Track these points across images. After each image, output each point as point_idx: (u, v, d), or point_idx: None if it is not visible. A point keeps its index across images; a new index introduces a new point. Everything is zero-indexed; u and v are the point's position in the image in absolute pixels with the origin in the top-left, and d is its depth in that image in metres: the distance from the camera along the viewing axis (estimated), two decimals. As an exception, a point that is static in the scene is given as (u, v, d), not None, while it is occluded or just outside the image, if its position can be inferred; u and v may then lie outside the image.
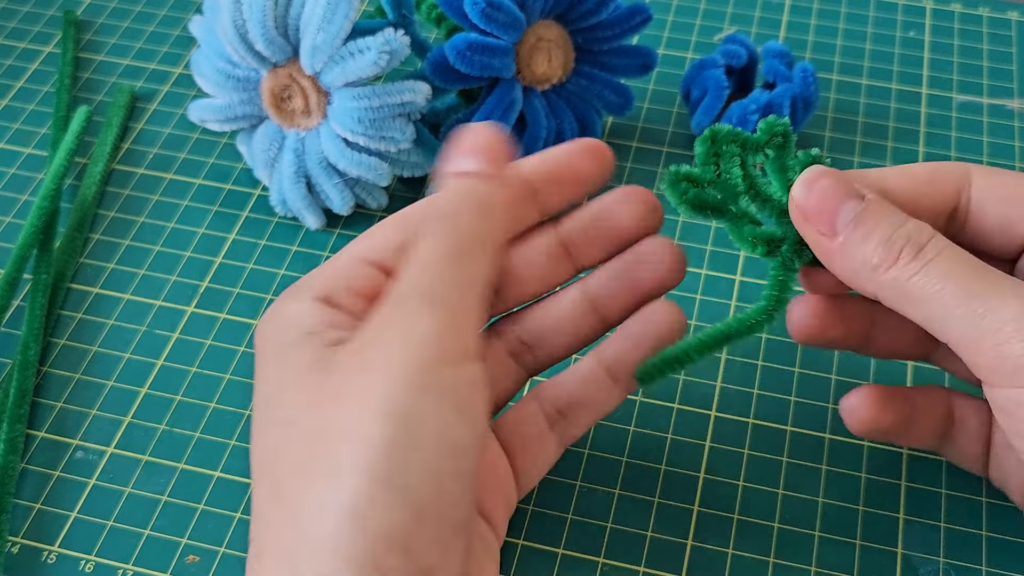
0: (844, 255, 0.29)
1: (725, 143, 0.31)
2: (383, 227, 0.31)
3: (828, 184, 0.30)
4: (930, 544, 0.35)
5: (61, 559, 0.35)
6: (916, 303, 0.28)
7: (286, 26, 0.40)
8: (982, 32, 0.53)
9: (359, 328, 0.28)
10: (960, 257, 0.29)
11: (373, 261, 0.30)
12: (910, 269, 0.28)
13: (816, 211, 0.30)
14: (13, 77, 0.51)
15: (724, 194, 0.31)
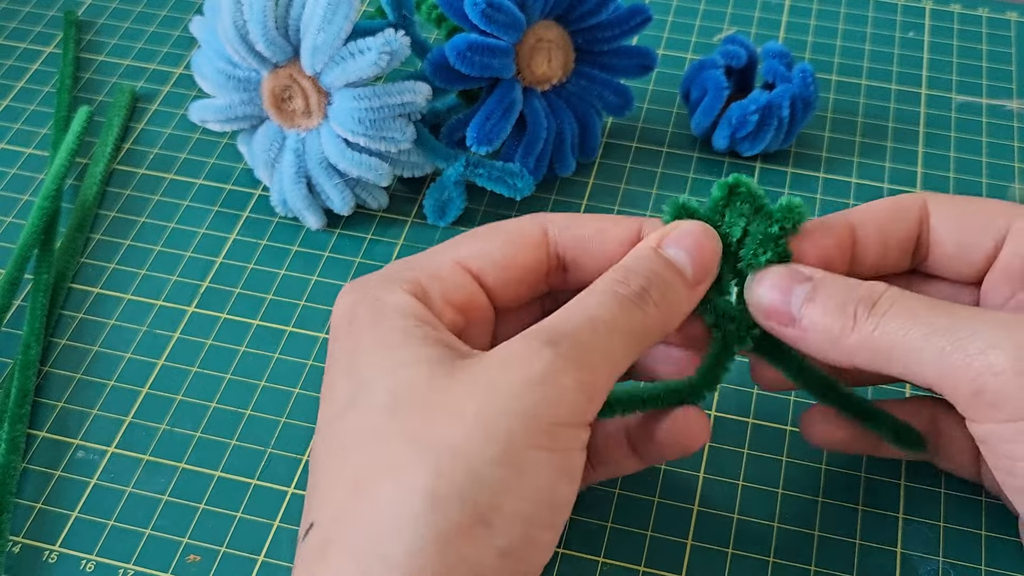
0: (808, 336, 0.30)
1: (743, 200, 0.31)
2: (491, 236, 0.31)
3: (774, 277, 0.30)
4: (930, 544, 0.35)
5: (62, 559, 0.35)
6: (887, 356, 0.29)
7: (286, 26, 0.40)
8: (981, 32, 0.53)
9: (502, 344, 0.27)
10: (918, 300, 0.29)
11: (473, 270, 0.30)
12: (870, 325, 0.29)
13: (770, 305, 0.30)
14: (14, 77, 0.51)
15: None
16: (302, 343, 0.41)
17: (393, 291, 0.29)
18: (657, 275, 0.29)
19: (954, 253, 0.32)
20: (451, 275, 0.30)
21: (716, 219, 0.31)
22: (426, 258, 0.31)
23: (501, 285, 0.31)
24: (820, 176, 0.46)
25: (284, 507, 0.36)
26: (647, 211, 0.45)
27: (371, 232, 0.44)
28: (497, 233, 0.32)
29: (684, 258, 0.30)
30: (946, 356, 0.27)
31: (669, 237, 0.30)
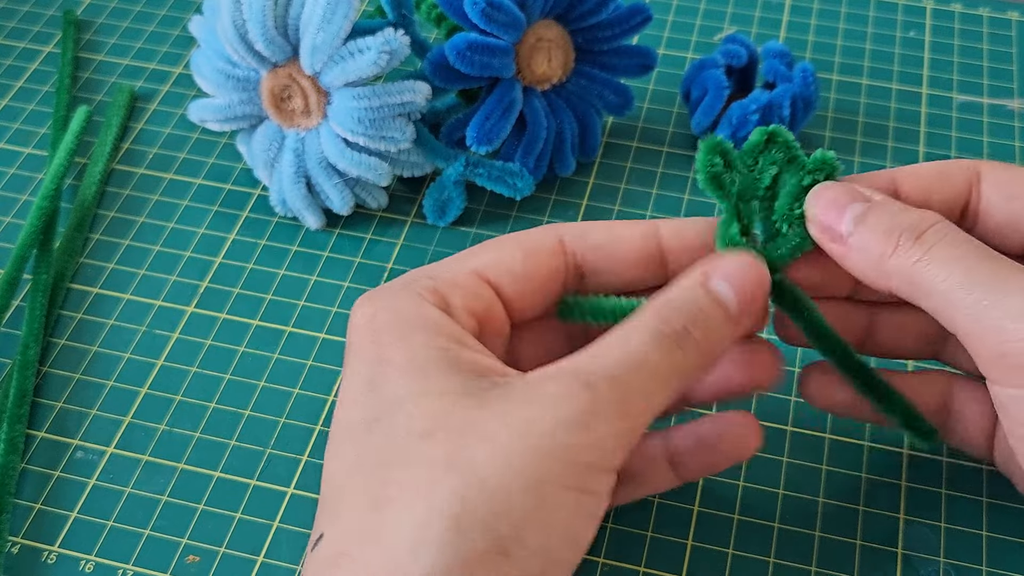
0: (853, 253, 0.29)
1: (778, 148, 0.31)
2: (509, 246, 0.31)
3: (835, 193, 0.30)
4: (930, 544, 0.35)
5: (61, 559, 0.35)
6: (923, 292, 0.28)
7: (286, 26, 0.40)
8: (982, 32, 0.53)
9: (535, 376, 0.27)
10: (966, 244, 0.28)
11: (491, 281, 0.30)
12: (912, 256, 0.28)
13: (824, 220, 0.30)
14: (13, 77, 0.51)
15: (742, 187, 0.31)
16: (301, 343, 0.41)
17: (419, 303, 0.29)
18: (701, 312, 0.28)
19: (1002, 224, 0.31)
20: (469, 284, 0.30)
21: (750, 163, 0.31)
22: (444, 267, 0.31)
23: (518, 296, 0.31)
24: (820, 176, 0.46)
25: (284, 508, 0.36)
26: (647, 211, 0.45)
27: (371, 232, 0.44)
28: (513, 243, 0.31)
29: (729, 293, 0.29)
30: (980, 311, 0.27)
31: (717, 270, 0.29)
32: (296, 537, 0.35)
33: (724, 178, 0.31)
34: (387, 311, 0.29)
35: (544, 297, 0.31)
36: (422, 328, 0.28)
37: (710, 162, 0.31)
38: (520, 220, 0.45)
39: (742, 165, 0.31)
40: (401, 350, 0.28)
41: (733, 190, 0.31)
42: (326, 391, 0.39)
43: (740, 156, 0.32)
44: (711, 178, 0.31)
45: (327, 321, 0.41)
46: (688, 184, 0.46)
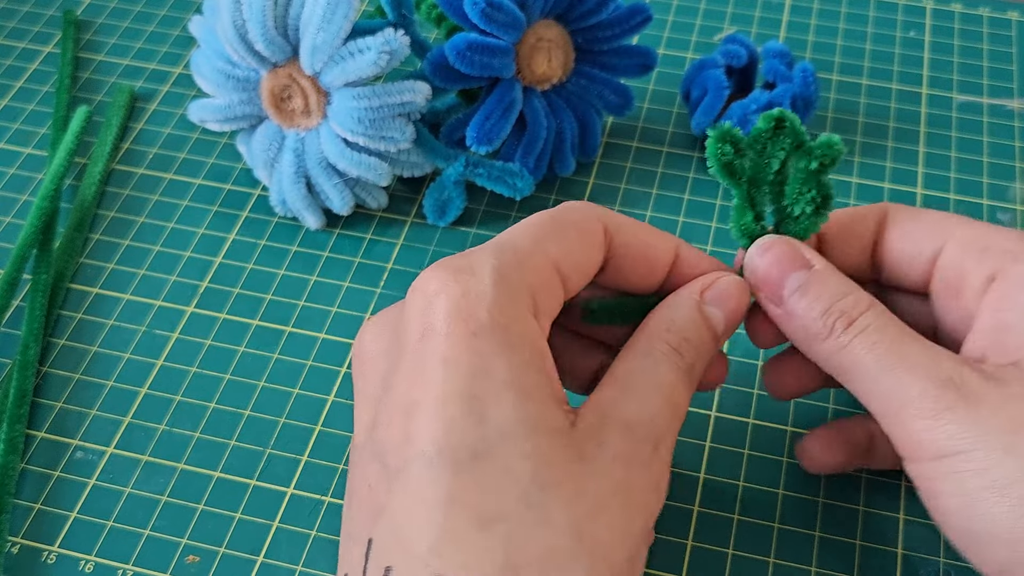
0: (789, 323, 0.31)
1: (785, 133, 0.31)
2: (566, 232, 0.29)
3: (778, 253, 0.31)
4: (930, 544, 0.35)
5: (61, 559, 0.35)
6: (846, 375, 0.30)
7: (286, 26, 0.40)
8: (982, 32, 0.53)
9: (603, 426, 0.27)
10: (887, 330, 0.30)
11: (562, 274, 0.29)
12: (840, 342, 0.30)
13: (764, 279, 0.31)
14: (13, 77, 0.51)
15: (754, 173, 0.32)
16: (301, 343, 0.41)
17: (516, 304, 0.26)
18: (702, 343, 0.30)
19: (903, 264, 0.33)
20: (552, 282, 0.28)
21: (757, 148, 0.32)
22: (529, 256, 0.28)
23: (574, 289, 0.30)
24: (820, 176, 0.46)
25: (283, 508, 0.36)
26: (647, 211, 0.45)
27: (371, 232, 0.44)
28: (572, 229, 0.29)
29: (720, 318, 0.31)
30: (888, 395, 0.29)
31: (712, 294, 0.31)
32: (296, 537, 0.35)
33: (735, 165, 0.32)
34: (487, 311, 0.26)
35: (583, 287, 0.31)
36: (523, 344, 0.26)
37: (720, 150, 0.31)
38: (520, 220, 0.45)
39: (751, 152, 0.32)
40: (504, 367, 0.25)
41: (744, 176, 0.32)
42: (326, 391, 0.39)
43: (749, 143, 0.32)
44: (723, 166, 0.32)
45: (327, 321, 0.41)
46: (688, 184, 0.46)
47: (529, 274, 0.27)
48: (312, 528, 0.35)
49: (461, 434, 0.25)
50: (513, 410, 0.25)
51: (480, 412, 0.25)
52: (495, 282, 0.26)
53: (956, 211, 0.45)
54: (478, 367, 0.25)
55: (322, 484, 0.36)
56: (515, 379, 0.25)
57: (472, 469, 0.24)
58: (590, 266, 0.30)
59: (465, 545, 0.24)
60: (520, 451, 0.25)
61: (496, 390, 0.25)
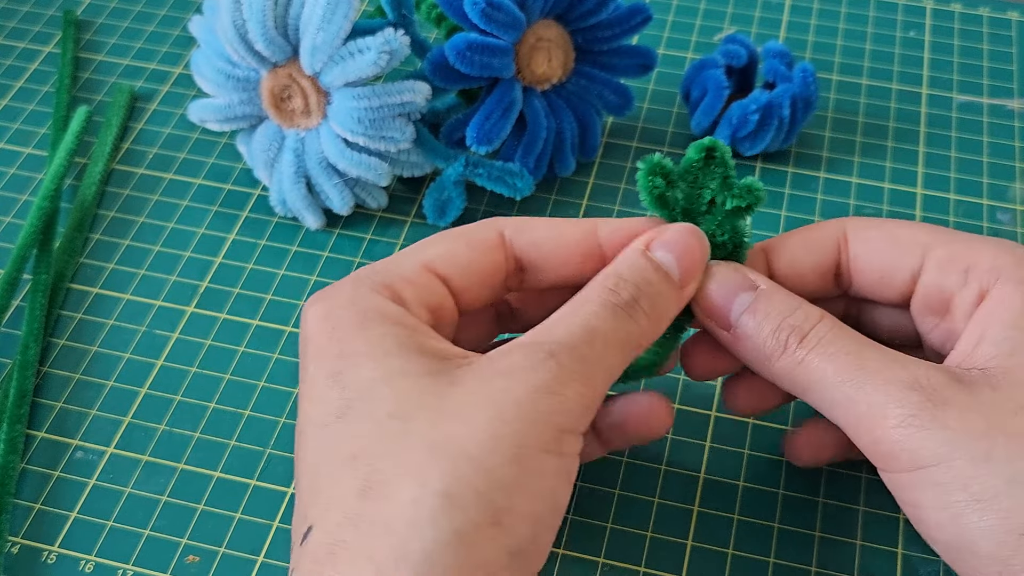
0: (740, 346, 0.30)
1: (717, 164, 0.31)
2: (452, 239, 0.31)
3: (721, 277, 0.31)
4: (930, 544, 0.35)
5: (61, 559, 0.35)
6: (805, 390, 0.30)
7: (286, 26, 0.40)
8: (982, 32, 0.53)
9: (497, 353, 0.28)
10: (843, 340, 0.29)
11: (440, 273, 0.31)
12: (796, 358, 0.29)
13: (712, 305, 0.31)
14: (13, 77, 0.51)
15: (687, 204, 0.32)
16: (301, 343, 0.41)
17: (373, 297, 0.29)
18: (648, 283, 0.29)
19: (875, 281, 0.32)
20: (421, 278, 0.30)
21: (688, 179, 0.31)
22: (393, 263, 0.31)
23: (465, 288, 0.31)
24: (821, 176, 0.46)
25: (283, 508, 0.36)
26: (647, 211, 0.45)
27: (371, 232, 0.44)
28: (458, 237, 0.32)
29: (672, 261, 0.30)
30: (852, 406, 0.28)
31: (658, 240, 0.30)
32: (296, 537, 0.35)
33: (668, 197, 0.31)
34: (342, 307, 0.29)
35: (488, 289, 0.32)
36: (380, 320, 0.29)
37: (651, 183, 0.31)
38: (520, 220, 0.45)
39: (683, 183, 0.32)
40: (362, 340, 0.28)
41: (678, 208, 0.32)
42: (326, 391, 0.39)
43: (680, 174, 0.32)
44: (656, 198, 0.31)
45: (327, 321, 0.41)
46: (688, 184, 0.46)
47: (388, 275, 0.30)
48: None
49: (326, 403, 0.28)
50: (373, 369, 0.27)
51: (341, 382, 0.28)
52: (350, 285, 0.30)
53: (956, 211, 0.45)
54: (339, 350, 0.28)
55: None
56: (371, 349, 0.28)
57: (336, 426, 0.27)
58: (482, 267, 0.31)
59: (330, 487, 0.26)
60: (379, 397, 0.27)
61: (354, 361, 0.28)
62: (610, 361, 0.29)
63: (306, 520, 0.27)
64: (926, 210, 0.45)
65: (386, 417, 0.27)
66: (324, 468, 0.27)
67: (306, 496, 0.27)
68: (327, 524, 0.26)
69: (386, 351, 0.28)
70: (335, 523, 0.26)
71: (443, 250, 0.31)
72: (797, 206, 0.45)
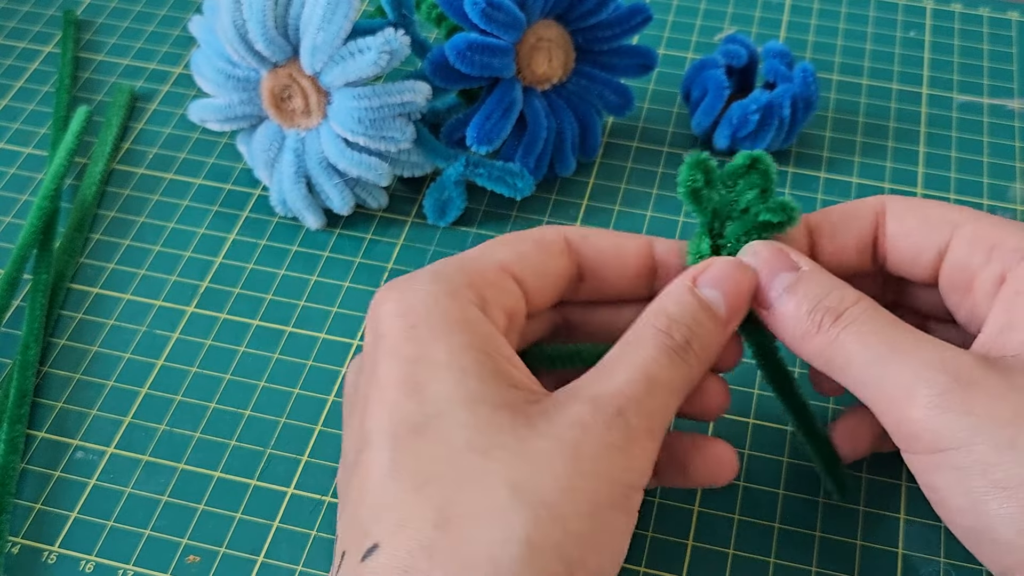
0: (778, 324, 0.30)
1: (758, 174, 0.32)
2: (525, 241, 0.31)
3: (766, 256, 0.31)
4: (930, 544, 0.35)
5: (61, 559, 0.35)
6: (837, 370, 0.30)
7: (286, 26, 0.40)
8: (982, 32, 0.53)
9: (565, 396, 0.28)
10: (877, 321, 0.29)
11: (516, 275, 0.31)
12: (829, 337, 0.29)
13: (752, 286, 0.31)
14: (13, 77, 0.51)
15: (719, 205, 0.32)
16: (302, 343, 0.41)
17: (458, 299, 0.29)
18: (699, 324, 0.29)
19: (907, 258, 0.32)
20: (500, 280, 0.30)
21: (728, 183, 0.32)
22: (471, 262, 0.30)
23: (536, 290, 0.31)
24: (821, 176, 0.46)
25: (283, 508, 0.36)
26: (647, 211, 0.45)
27: (371, 232, 0.44)
28: (527, 240, 0.32)
29: (719, 299, 0.30)
30: (880, 384, 0.28)
31: (705, 277, 0.30)
32: (296, 537, 0.35)
33: (703, 194, 0.32)
34: (424, 305, 0.28)
35: (554, 293, 0.32)
36: (461, 327, 0.28)
37: (692, 177, 0.32)
38: (520, 220, 0.45)
39: (721, 185, 0.32)
40: (443, 348, 0.28)
41: (709, 207, 0.32)
42: (326, 391, 0.39)
43: (721, 176, 0.32)
44: (691, 192, 0.32)
45: (327, 321, 0.41)
46: (688, 184, 0.46)
47: (470, 274, 0.30)
48: (312, 528, 0.35)
49: (402, 414, 0.27)
50: (452, 386, 0.27)
51: (419, 392, 0.27)
52: (431, 280, 0.29)
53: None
54: (417, 354, 0.27)
55: (322, 484, 0.36)
56: (453, 360, 0.27)
57: (411, 442, 0.26)
58: (552, 270, 0.31)
59: (402, 507, 0.26)
60: (458, 422, 0.26)
61: (435, 371, 0.27)
62: (670, 409, 0.29)
63: (368, 536, 0.26)
64: (926, 210, 0.45)
65: (465, 447, 0.26)
66: (394, 486, 0.26)
67: (370, 509, 0.26)
68: (397, 547, 0.25)
69: (464, 368, 0.27)
70: (407, 548, 0.25)
71: (517, 252, 0.31)
72: (797, 206, 0.45)
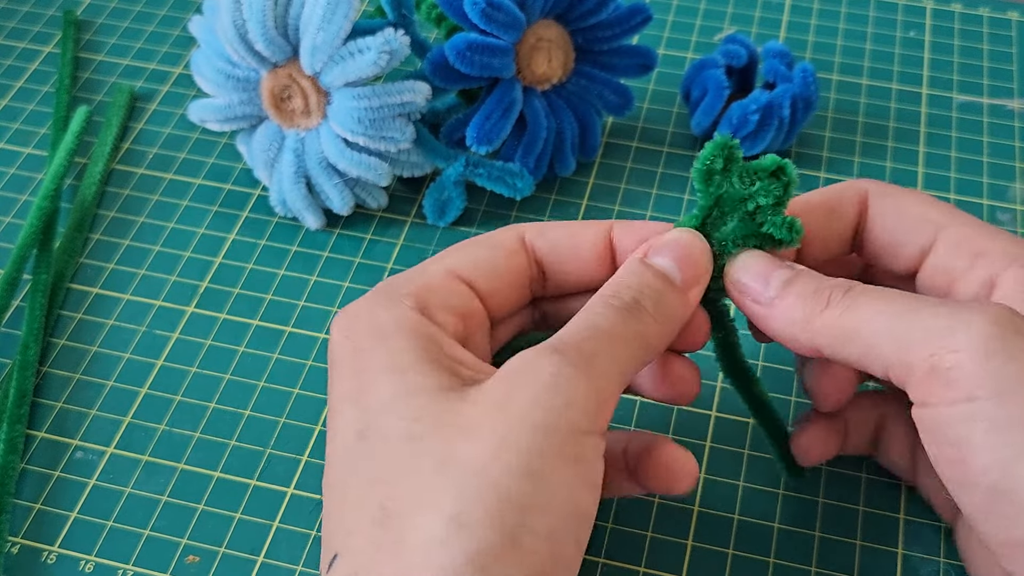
0: (777, 314, 0.30)
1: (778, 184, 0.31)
2: (476, 245, 0.32)
3: (760, 259, 0.31)
4: (930, 544, 0.35)
5: (61, 559, 0.35)
6: (849, 338, 0.28)
7: (286, 26, 0.40)
8: (982, 32, 0.53)
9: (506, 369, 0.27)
10: (886, 290, 0.29)
11: (465, 278, 0.31)
12: (843, 305, 0.29)
13: (749, 284, 0.30)
14: (13, 77, 0.51)
15: (726, 196, 0.31)
16: (301, 343, 0.41)
17: (395, 307, 0.29)
18: (647, 285, 0.29)
19: (886, 250, 0.32)
20: (446, 284, 0.30)
21: (746, 180, 0.31)
22: (417, 272, 0.31)
23: (492, 292, 0.31)
24: (821, 176, 0.46)
25: (283, 508, 0.36)
26: (647, 211, 0.45)
27: (371, 232, 0.44)
28: (479, 243, 0.32)
29: (671, 265, 0.30)
30: (907, 333, 0.27)
31: (653, 247, 0.30)
32: (296, 537, 0.35)
33: (716, 177, 0.31)
34: (363, 320, 0.29)
35: (516, 292, 0.32)
36: (398, 331, 0.28)
37: (712, 156, 0.31)
38: (520, 220, 0.45)
39: (738, 178, 0.31)
40: (380, 355, 0.28)
41: (716, 194, 0.31)
42: (326, 391, 0.39)
43: (741, 168, 0.31)
44: (705, 171, 0.31)
45: (327, 321, 0.41)
46: (688, 184, 0.46)
47: (412, 283, 0.30)
48: (312, 528, 0.35)
49: (348, 424, 0.28)
50: (389, 387, 0.27)
51: (362, 399, 0.28)
52: (370, 296, 0.30)
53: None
54: (359, 366, 0.28)
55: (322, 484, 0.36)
56: (391, 363, 0.28)
57: (356, 449, 0.27)
58: (506, 270, 0.31)
59: (352, 512, 0.26)
60: (396, 416, 0.27)
61: (375, 376, 0.28)
62: (619, 355, 0.28)
63: (330, 548, 0.26)
64: (926, 210, 0.45)
65: (401, 438, 0.26)
66: (347, 492, 0.27)
67: (332, 522, 0.27)
68: (350, 551, 0.26)
69: (403, 367, 0.28)
70: (354, 552, 0.25)
71: (466, 256, 0.31)
72: (797, 206, 0.45)
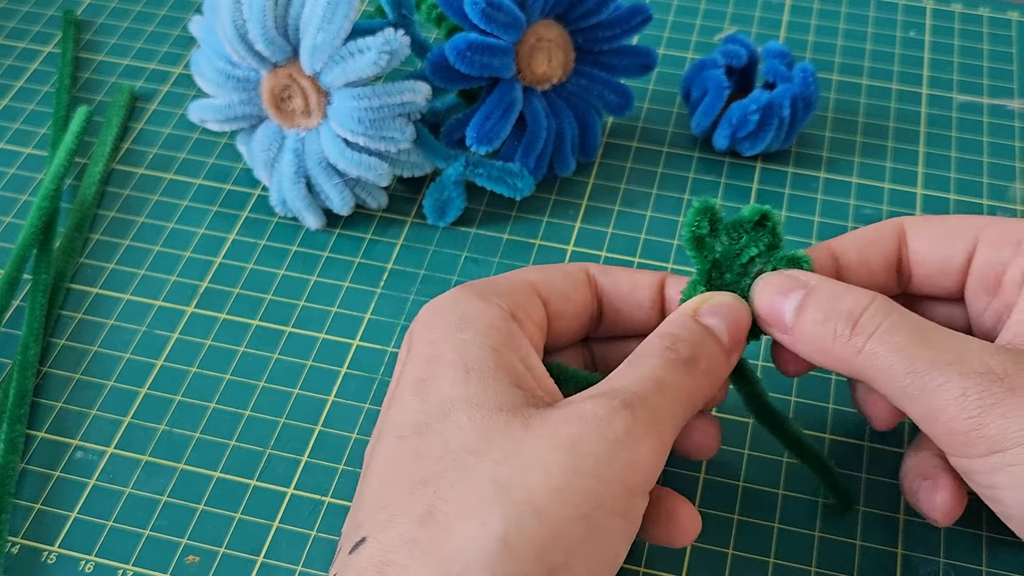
0: (799, 343, 0.30)
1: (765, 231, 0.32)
2: (552, 269, 0.32)
3: (771, 283, 0.31)
4: (930, 544, 0.35)
5: (61, 559, 0.35)
6: (872, 380, 0.29)
7: (286, 26, 0.40)
8: (982, 32, 0.53)
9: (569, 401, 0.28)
10: (903, 325, 0.29)
11: (542, 295, 0.31)
12: (853, 347, 0.29)
13: (767, 312, 0.31)
14: (13, 77, 0.51)
15: (722, 257, 0.32)
16: (301, 343, 0.41)
17: (484, 303, 0.30)
18: (703, 343, 0.30)
19: (934, 271, 0.33)
20: (530, 295, 0.31)
21: (733, 235, 0.32)
22: (503, 279, 0.32)
23: (559, 315, 0.32)
24: (821, 176, 0.46)
25: (283, 508, 0.36)
26: (647, 211, 0.45)
27: (370, 232, 0.44)
28: (553, 268, 0.33)
29: (721, 327, 0.30)
30: (923, 398, 0.28)
31: (707, 307, 0.31)
32: (296, 537, 0.35)
33: (706, 241, 0.32)
34: (445, 308, 0.30)
35: (578, 322, 0.33)
36: (473, 322, 0.29)
37: (697, 223, 0.31)
38: (520, 220, 0.45)
39: (726, 235, 0.32)
40: (451, 348, 0.29)
41: (710, 256, 0.32)
42: (326, 391, 0.39)
43: (726, 227, 0.32)
44: (695, 239, 0.32)
45: (327, 321, 0.41)
46: (688, 184, 0.46)
47: (500, 285, 0.31)
48: (312, 528, 0.35)
49: (409, 414, 0.28)
50: (453, 388, 0.28)
51: (426, 392, 0.28)
52: (459, 288, 0.31)
53: (956, 211, 0.45)
54: (430, 354, 0.29)
55: (322, 484, 0.37)
56: (458, 357, 0.28)
57: (413, 442, 0.27)
58: (575, 297, 0.32)
59: (395, 505, 0.26)
60: (457, 424, 0.27)
61: (442, 370, 0.28)
62: (677, 414, 0.28)
63: (360, 530, 0.27)
64: (926, 210, 0.45)
65: (460, 448, 0.27)
66: (393, 484, 0.27)
67: (367, 506, 0.27)
68: (383, 541, 0.26)
69: (467, 366, 0.28)
70: (391, 542, 0.26)
71: (546, 275, 0.32)
72: (797, 206, 0.45)
